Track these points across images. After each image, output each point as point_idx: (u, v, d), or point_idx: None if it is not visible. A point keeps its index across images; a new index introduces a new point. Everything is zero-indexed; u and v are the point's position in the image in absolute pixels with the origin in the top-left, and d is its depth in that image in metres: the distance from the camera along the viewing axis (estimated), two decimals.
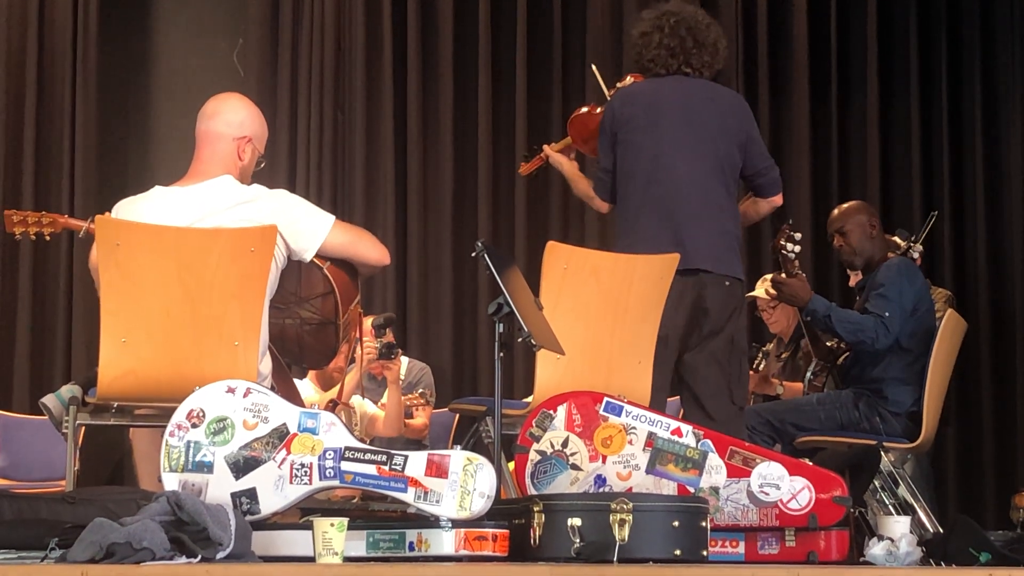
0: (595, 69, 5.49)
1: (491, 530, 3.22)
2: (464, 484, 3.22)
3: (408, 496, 3.26)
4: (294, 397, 3.88)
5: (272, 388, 3.71)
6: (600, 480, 3.73)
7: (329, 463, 3.32)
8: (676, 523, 3.30)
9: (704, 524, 3.39)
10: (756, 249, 7.30)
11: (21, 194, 7.20)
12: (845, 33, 7.64)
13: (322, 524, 3.04)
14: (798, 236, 5.11)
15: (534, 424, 3.78)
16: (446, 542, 3.17)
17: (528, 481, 3.73)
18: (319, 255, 3.92)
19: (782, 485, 3.66)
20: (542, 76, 7.46)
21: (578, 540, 3.24)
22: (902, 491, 5.01)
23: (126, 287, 3.70)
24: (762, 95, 7.53)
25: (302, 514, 3.46)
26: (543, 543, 3.28)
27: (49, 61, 7.39)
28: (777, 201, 5.00)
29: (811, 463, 3.77)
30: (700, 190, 4.71)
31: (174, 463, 3.32)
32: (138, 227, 3.76)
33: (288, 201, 3.95)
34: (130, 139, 7.56)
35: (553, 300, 4.08)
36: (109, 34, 7.47)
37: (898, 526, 3.68)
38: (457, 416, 6.46)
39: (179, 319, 3.72)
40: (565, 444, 3.76)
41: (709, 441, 3.74)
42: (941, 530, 4.67)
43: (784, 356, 6.25)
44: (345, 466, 3.32)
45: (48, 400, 3.89)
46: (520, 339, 3.67)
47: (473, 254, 3.78)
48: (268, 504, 3.31)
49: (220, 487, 3.30)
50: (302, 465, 3.32)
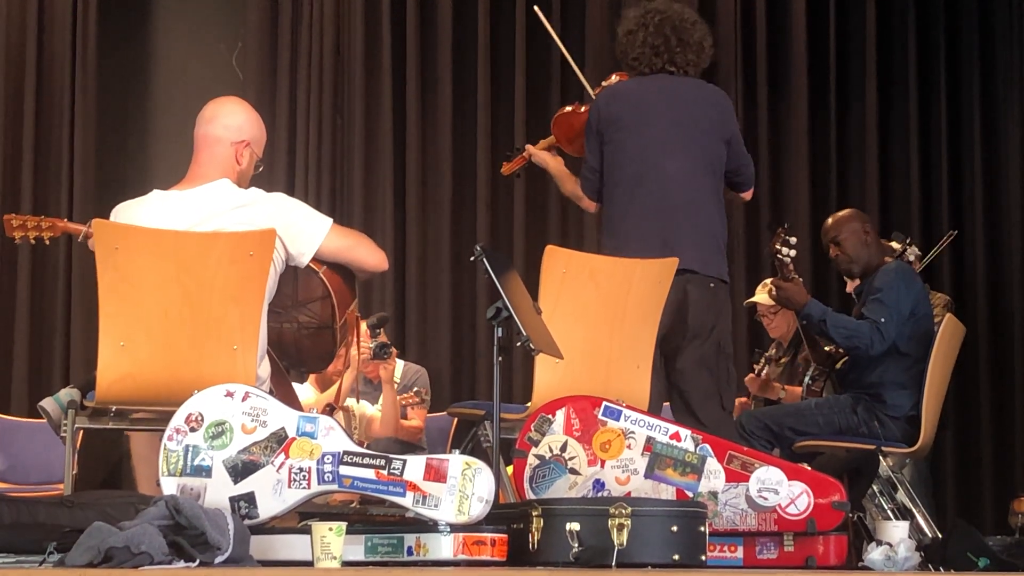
0: (538, 10, 5.43)
1: (489, 535, 3.22)
2: (463, 488, 3.22)
3: (406, 500, 3.25)
4: (292, 401, 3.87)
5: (270, 392, 3.70)
6: (599, 484, 3.72)
7: (327, 467, 3.32)
8: (675, 528, 3.30)
9: (703, 529, 3.39)
10: (756, 253, 7.31)
11: (20, 198, 7.20)
12: (844, 38, 7.65)
13: (320, 528, 3.04)
14: (793, 240, 5.12)
15: (533, 428, 3.78)
16: (444, 547, 3.17)
17: (527, 485, 3.73)
18: (316, 259, 3.92)
19: (781, 490, 3.66)
20: (541, 79, 7.46)
21: (576, 545, 3.24)
22: (900, 496, 5.01)
23: (124, 290, 3.70)
24: (761, 99, 7.54)
25: (300, 518, 3.46)
26: (541, 548, 3.28)
27: (48, 64, 7.40)
28: (747, 196, 5.03)
29: (810, 468, 3.76)
30: (687, 189, 4.71)
31: (172, 467, 3.32)
32: (136, 231, 3.76)
33: (286, 204, 3.95)
34: (129, 143, 7.57)
35: (552, 304, 4.08)
36: (108, 38, 7.47)
37: (897, 531, 3.68)
38: (456, 420, 6.46)
39: (177, 323, 3.72)
40: (564, 448, 3.76)
41: (708, 446, 3.74)
42: (939, 535, 4.68)
43: (783, 360, 6.25)
44: (344, 470, 3.31)
45: (46, 403, 3.88)
46: (519, 343, 3.67)
47: (472, 258, 3.78)
48: (266, 508, 3.31)
49: (218, 491, 3.30)
50: (300, 469, 3.32)
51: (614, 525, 3.26)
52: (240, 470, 3.32)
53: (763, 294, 6.35)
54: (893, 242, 5.53)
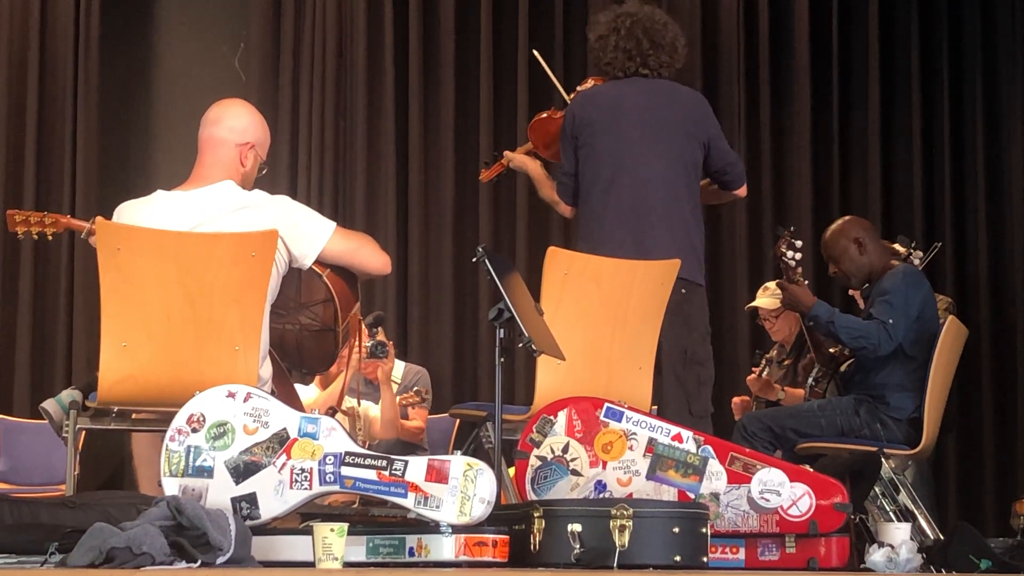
0: (537, 54, 5.47)
1: (491, 536, 3.22)
2: (464, 489, 3.22)
3: (408, 501, 3.26)
4: (294, 402, 3.88)
5: (272, 393, 3.70)
6: (600, 486, 3.72)
7: (329, 468, 3.32)
8: (676, 529, 3.30)
9: (704, 530, 3.38)
10: (758, 257, 7.30)
11: (22, 196, 7.20)
12: (846, 42, 7.64)
13: (322, 529, 3.04)
14: (799, 244, 5.11)
15: (534, 430, 3.78)
16: (446, 548, 3.17)
17: (528, 487, 3.73)
18: (319, 261, 3.92)
19: (783, 491, 3.66)
20: (543, 82, 7.45)
21: (578, 546, 3.24)
22: (903, 498, 5.00)
23: (127, 291, 3.70)
24: (764, 103, 7.54)
25: (302, 519, 3.46)
26: (543, 549, 3.28)
27: (51, 65, 7.40)
28: (741, 193, 5.02)
29: (812, 469, 3.76)
30: (662, 192, 4.71)
31: (174, 468, 3.32)
32: (139, 231, 3.76)
33: (289, 207, 3.95)
34: (131, 143, 7.57)
35: (554, 306, 4.08)
36: (111, 38, 7.48)
37: (899, 533, 3.68)
38: (457, 421, 6.46)
39: (180, 323, 3.72)
40: (565, 450, 3.76)
41: (710, 447, 3.74)
42: (941, 537, 4.67)
43: (786, 363, 6.25)
44: (345, 471, 3.31)
45: (48, 404, 3.89)
46: (521, 344, 3.67)
47: (474, 259, 3.78)
48: (268, 509, 3.31)
49: (220, 492, 3.30)
50: (302, 470, 3.32)
51: (616, 526, 3.26)
52: (242, 471, 3.32)
53: (764, 298, 6.34)
54: (898, 245, 5.52)
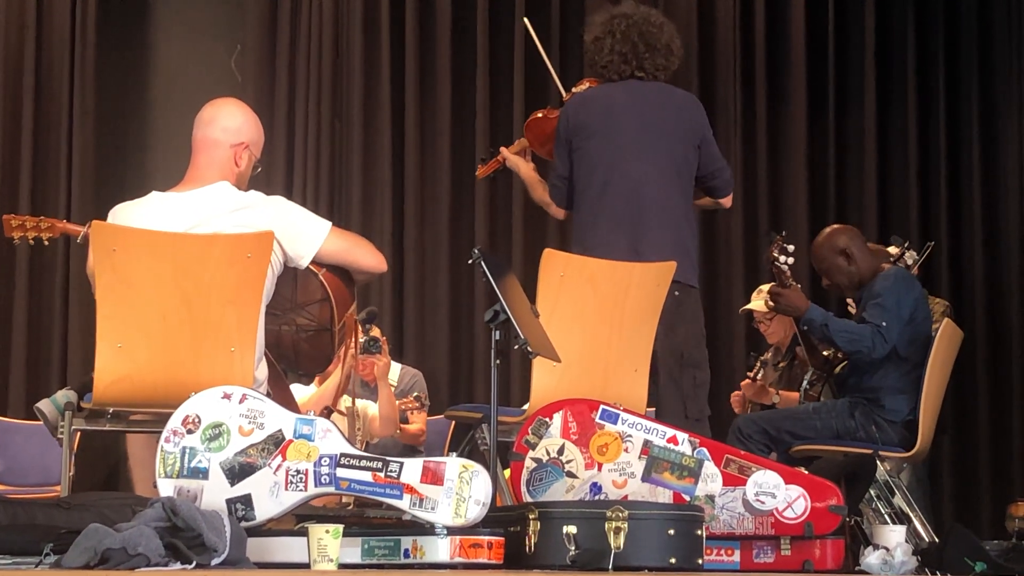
0: (528, 23, 5.45)
1: (486, 537, 3.22)
2: (460, 491, 3.22)
3: (403, 503, 3.25)
4: (290, 403, 3.87)
5: (268, 394, 3.70)
6: (596, 488, 3.72)
7: (325, 469, 3.32)
8: (672, 531, 3.30)
9: (700, 532, 3.38)
10: (754, 260, 7.31)
11: (18, 199, 7.20)
12: (843, 45, 7.65)
13: (317, 531, 3.04)
14: (791, 248, 5.11)
15: (530, 431, 3.78)
16: (441, 549, 3.17)
17: (524, 488, 3.73)
18: (315, 261, 3.92)
19: (778, 494, 3.66)
20: (539, 82, 7.45)
21: (573, 548, 3.24)
22: (898, 500, 5.00)
23: (122, 292, 3.70)
24: (759, 105, 7.54)
25: (297, 520, 3.46)
26: (538, 551, 3.28)
27: (47, 66, 7.40)
28: (727, 203, 5.02)
29: (807, 472, 3.76)
30: (655, 195, 4.71)
31: (169, 469, 3.32)
32: (134, 232, 3.76)
33: (285, 207, 3.95)
34: (128, 144, 7.56)
35: (550, 307, 4.08)
36: (107, 40, 7.47)
37: (894, 535, 3.68)
38: (453, 423, 6.46)
39: (175, 324, 3.72)
40: (561, 451, 3.76)
41: (705, 449, 3.74)
42: (937, 539, 4.67)
43: (781, 366, 6.25)
44: (341, 473, 3.31)
45: (43, 405, 3.88)
46: (516, 346, 3.66)
47: (470, 261, 3.78)
48: (263, 510, 3.31)
49: (215, 493, 3.30)
50: (297, 471, 3.32)
51: (611, 528, 3.26)
52: (237, 472, 3.31)
53: (758, 301, 6.34)
54: (891, 246, 5.53)
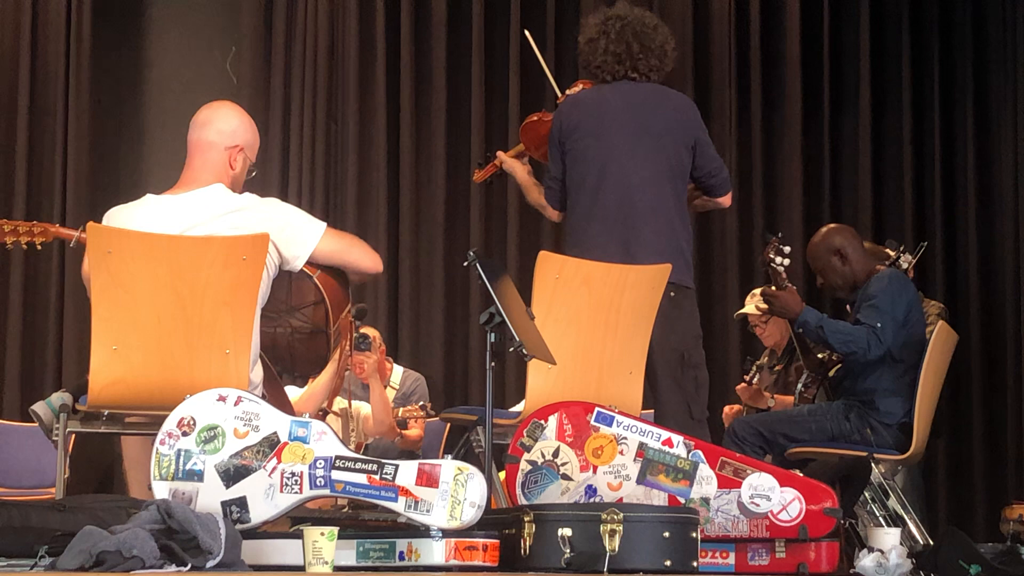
0: (528, 34, 5.46)
1: (481, 540, 3.22)
2: (455, 494, 3.22)
3: (398, 505, 3.25)
4: (285, 406, 3.88)
5: (263, 396, 3.70)
6: (591, 490, 3.72)
7: (320, 472, 3.31)
8: (666, 534, 3.30)
9: (694, 535, 3.39)
10: (749, 263, 7.31)
11: (13, 203, 7.20)
12: (838, 47, 7.65)
13: (312, 533, 3.04)
14: (787, 249, 5.12)
15: (525, 434, 3.78)
16: (436, 552, 3.17)
17: (519, 491, 3.73)
18: (311, 263, 3.92)
19: (773, 496, 3.66)
20: (536, 85, 7.46)
21: (568, 550, 3.24)
22: (892, 503, 5.01)
23: (117, 294, 3.70)
24: (755, 109, 7.55)
25: (292, 523, 3.46)
26: (533, 553, 3.28)
27: (42, 69, 7.39)
28: (725, 202, 5.01)
29: (802, 474, 3.76)
30: (649, 196, 4.71)
31: (164, 471, 3.31)
32: (130, 235, 3.76)
33: (279, 209, 3.95)
34: (123, 147, 7.56)
35: (545, 310, 4.08)
36: (102, 43, 7.47)
37: (888, 538, 3.68)
38: (448, 425, 6.45)
39: (170, 327, 3.72)
40: (556, 454, 3.76)
41: (700, 452, 3.73)
42: (931, 542, 4.67)
43: (777, 369, 6.25)
44: (336, 475, 3.31)
45: (38, 407, 3.88)
46: (512, 349, 3.67)
47: (465, 263, 3.78)
48: (258, 513, 3.30)
49: (210, 495, 3.29)
50: (292, 474, 3.32)
51: (606, 531, 3.26)
52: (232, 474, 3.31)
53: (751, 305, 6.35)
54: (887, 249, 5.53)
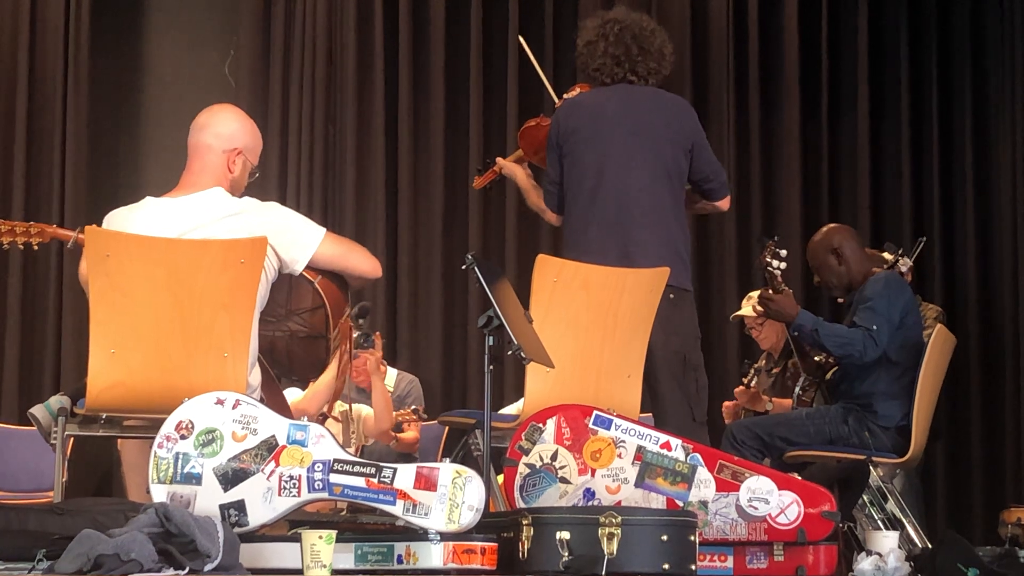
0: (523, 41, 5.47)
1: (480, 543, 3.22)
2: (453, 497, 3.22)
3: (397, 509, 3.25)
4: (283, 409, 3.87)
5: (261, 400, 3.70)
6: (589, 493, 3.72)
7: (318, 475, 3.31)
8: (665, 537, 3.30)
9: (693, 538, 3.38)
10: (747, 265, 7.31)
11: (11, 204, 7.19)
12: (836, 49, 7.66)
13: (310, 536, 3.04)
14: (783, 253, 5.12)
15: (523, 437, 3.78)
16: (434, 555, 3.17)
17: (517, 494, 3.73)
18: (310, 267, 3.92)
19: (771, 499, 3.67)
20: (534, 90, 7.46)
21: (566, 554, 3.24)
22: (891, 506, 5.01)
23: (116, 298, 3.70)
24: (752, 110, 7.55)
25: (290, 526, 3.46)
26: (532, 556, 3.28)
27: (41, 71, 7.39)
28: (723, 206, 5.01)
29: (800, 477, 3.77)
30: (646, 199, 4.71)
31: (162, 474, 3.31)
32: (128, 238, 3.76)
33: (279, 213, 3.95)
34: (121, 150, 7.57)
35: (543, 313, 4.08)
36: (101, 45, 7.47)
37: (887, 541, 3.68)
38: (447, 428, 6.46)
39: (169, 330, 3.72)
40: (554, 457, 3.76)
41: (698, 455, 3.74)
42: (929, 545, 4.68)
43: (774, 372, 6.25)
44: (334, 478, 3.31)
45: (37, 411, 3.88)
46: (510, 352, 3.67)
47: (463, 267, 3.79)
48: (256, 516, 3.30)
49: (208, 499, 3.29)
50: (291, 477, 3.32)
51: (604, 534, 3.26)
52: (230, 478, 3.31)
53: (747, 307, 6.35)
54: (885, 253, 5.53)
